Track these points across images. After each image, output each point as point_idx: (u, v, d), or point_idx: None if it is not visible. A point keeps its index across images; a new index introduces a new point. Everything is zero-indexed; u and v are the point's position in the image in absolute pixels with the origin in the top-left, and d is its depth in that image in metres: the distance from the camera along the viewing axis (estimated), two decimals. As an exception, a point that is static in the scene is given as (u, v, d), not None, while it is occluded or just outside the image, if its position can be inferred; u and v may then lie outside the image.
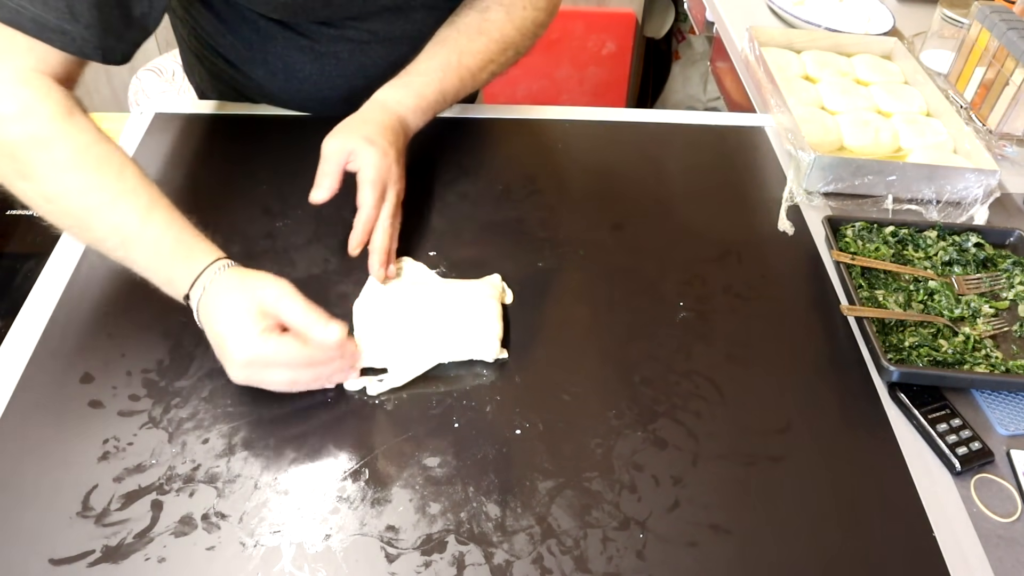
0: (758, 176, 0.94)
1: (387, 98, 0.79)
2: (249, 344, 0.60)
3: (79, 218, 0.65)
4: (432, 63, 0.82)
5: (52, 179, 0.64)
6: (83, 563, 0.53)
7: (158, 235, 0.64)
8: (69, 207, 0.64)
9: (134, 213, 0.64)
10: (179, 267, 0.64)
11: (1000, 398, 0.69)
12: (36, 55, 0.65)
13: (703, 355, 0.71)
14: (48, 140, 0.63)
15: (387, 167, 0.73)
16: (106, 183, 0.64)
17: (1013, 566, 0.57)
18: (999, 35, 1.02)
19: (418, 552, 0.55)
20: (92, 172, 0.64)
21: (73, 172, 0.64)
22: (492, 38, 0.85)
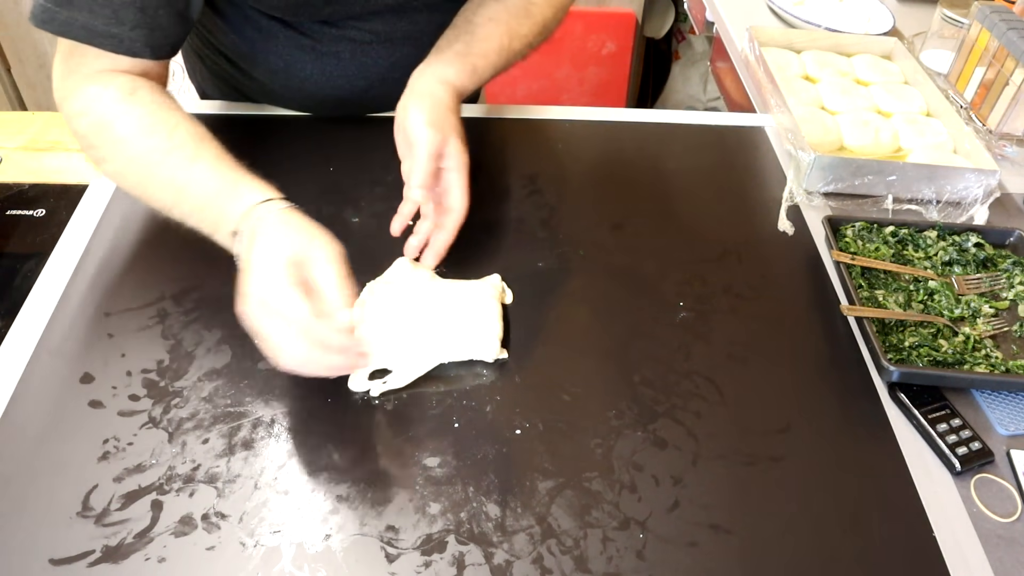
0: (758, 176, 0.94)
1: (457, 82, 0.77)
2: (268, 281, 0.59)
3: (146, 183, 0.68)
4: (491, 45, 0.81)
5: (118, 154, 0.68)
6: (83, 563, 0.53)
7: (205, 177, 0.66)
8: (136, 175, 0.69)
9: (183, 162, 0.66)
10: (228, 202, 0.64)
11: (1000, 398, 0.69)
12: (103, 60, 0.69)
13: (703, 355, 0.71)
14: (109, 122, 0.68)
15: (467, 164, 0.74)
16: (158, 143, 0.67)
17: (1013, 566, 0.57)
18: (999, 35, 1.02)
19: (418, 552, 0.55)
20: (147, 138, 0.67)
21: (132, 142, 0.68)
22: (536, 21, 0.85)
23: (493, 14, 0.82)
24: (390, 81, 0.90)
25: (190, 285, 0.73)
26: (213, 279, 0.74)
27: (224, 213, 0.64)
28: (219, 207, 0.65)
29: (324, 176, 0.87)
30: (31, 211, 0.84)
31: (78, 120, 0.69)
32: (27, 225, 0.83)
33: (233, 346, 0.68)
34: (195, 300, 0.72)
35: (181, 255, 0.76)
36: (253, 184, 0.66)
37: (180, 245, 0.77)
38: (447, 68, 0.77)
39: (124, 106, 0.68)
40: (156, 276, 0.74)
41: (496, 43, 0.81)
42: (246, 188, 0.65)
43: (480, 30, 0.81)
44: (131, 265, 0.75)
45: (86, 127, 0.69)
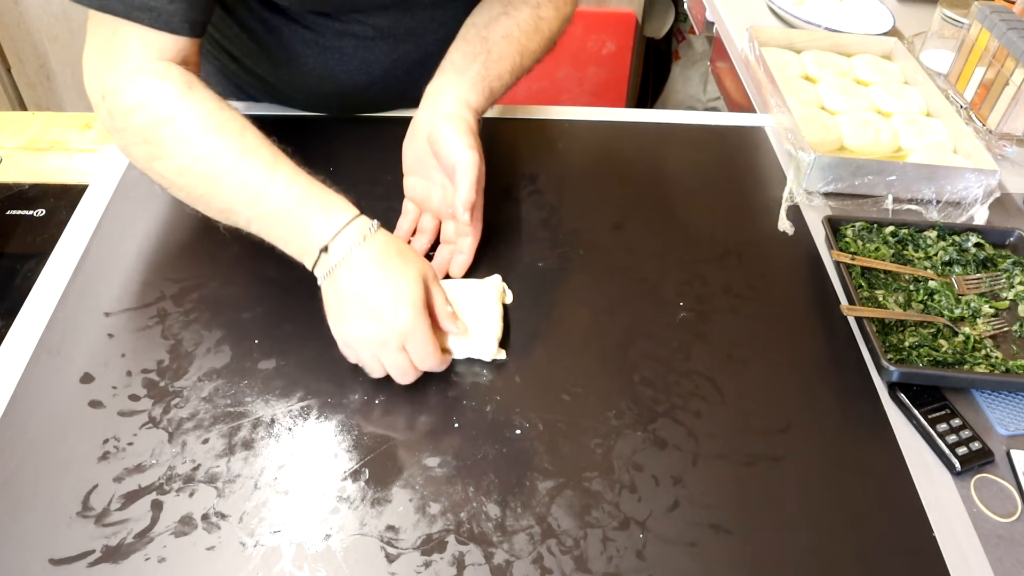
0: (758, 176, 0.94)
1: (478, 106, 0.77)
2: (411, 320, 0.61)
3: (210, 182, 0.66)
4: (505, 65, 0.80)
5: (181, 152, 0.66)
6: (83, 563, 0.53)
7: (286, 187, 0.65)
8: (200, 175, 0.67)
9: (260, 168, 0.65)
10: (315, 217, 0.64)
11: (1000, 398, 0.69)
12: (146, 47, 0.67)
13: (703, 355, 0.71)
14: (172, 117, 0.66)
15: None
16: (230, 145, 0.66)
17: (1013, 566, 0.57)
18: (999, 35, 1.02)
19: (418, 552, 0.55)
20: (215, 137, 0.66)
21: (198, 141, 0.66)
22: (544, 36, 0.84)
23: (507, 31, 0.81)
24: (391, 78, 0.90)
25: (190, 285, 0.73)
26: (213, 279, 0.74)
27: (310, 229, 0.64)
28: (303, 220, 0.64)
29: (324, 176, 0.87)
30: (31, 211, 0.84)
31: (134, 115, 0.66)
32: (27, 225, 0.83)
33: (233, 346, 0.68)
34: (195, 300, 0.72)
35: (181, 255, 0.76)
36: (339, 201, 0.66)
37: (180, 245, 0.78)
38: (470, 92, 0.76)
39: (186, 103, 0.66)
40: (156, 276, 0.74)
41: (510, 63, 0.81)
42: (334, 205, 0.65)
43: (496, 49, 0.80)
44: (131, 265, 0.75)
45: (145, 123, 0.66)
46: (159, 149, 0.67)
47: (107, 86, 0.68)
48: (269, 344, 0.69)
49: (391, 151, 0.79)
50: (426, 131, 0.75)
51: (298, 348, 0.69)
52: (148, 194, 0.83)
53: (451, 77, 0.77)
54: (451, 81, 0.77)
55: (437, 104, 0.75)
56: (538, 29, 0.83)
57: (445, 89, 0.76)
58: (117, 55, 0.67)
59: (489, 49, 0.80)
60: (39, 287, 0.73)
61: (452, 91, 0.76)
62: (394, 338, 0.62)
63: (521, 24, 0.82)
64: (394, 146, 0.80)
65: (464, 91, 0.76)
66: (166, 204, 0.82)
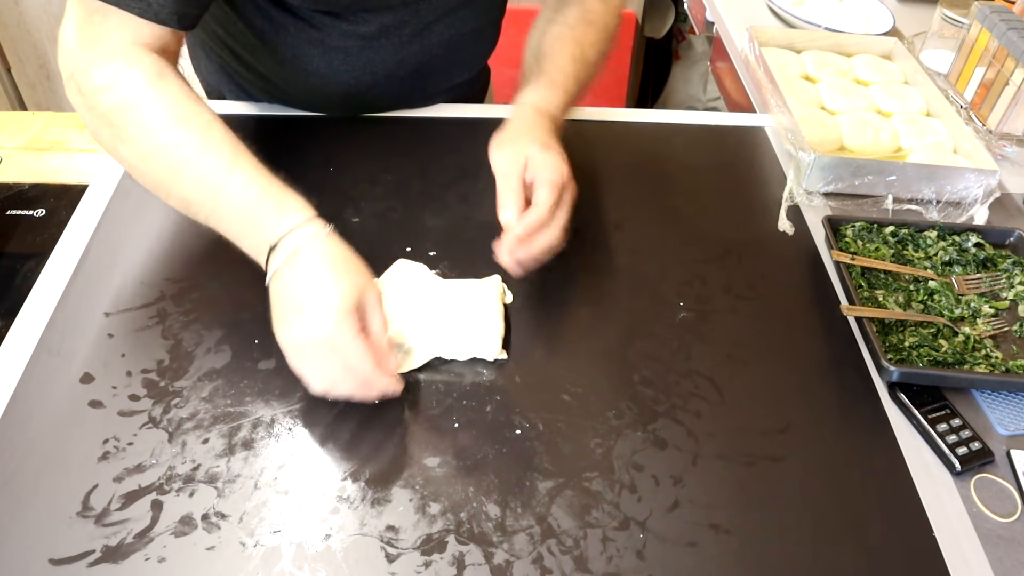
0: (758, 176, 0.94)
1: (539, 101, 0.78)
2: (335, 322, 0.59)
3: (170, 173, 0.66)
4: (563, 58, 0.81)
5: (144, 139, 0.66)
6: (83, 563, 0.53)
7: (244, 184, 0.65)
8: (161, 164, 0.67)
9: (220, 163, 0.65)
10: (269, 215, 0.64)
11: (1000, 398, 0.69)
12: (125, 31, 0.67)
13: (703, 355, 0.71)
14: (138, 103, 0.66)
15: (565, 171, 0.71)
16: (193, 137, 0.66)
17: (1013, 566, 0.57)
18: (999, 35, 1.02)
19: (418, 552, 0.55)
20: (180, 129, 0.66)
21: (162, 130, 0.66)
22: (597, 27, 0.85)
23: (557, 32, 0.84)
24: (395, 79, 0.90)
25: (190, 285, 0.73)
26: (213, 279, 0.74)
27: (263, 227, 0.63)
28: (258, 220, 0.64)
29: (324, 176, 0.87)
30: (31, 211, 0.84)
31: (100, 96, 0.66)
32: (27, 225, 0.83)
33: (233, 346, 0.68)
34: (195, 300, 0.72)
35: (181, 256, 0.76)
36: (295, 201, 0.65)
37: (180, 245, 0.78)
38: (529, 93, 0.79)
39: (153, 91, 0.66)
40: (156, 276, 0.74)
41: (568, 54, 0.82)
42: (289, 205, 0.64)
43: (551, 51, 0.82)
44: (131, 265, 0.75)
45: (109, 105, 0.66)
46: (123, 133, 0.67)
47: (77, 63, 0.67)
48: (269, 344, 0.69)
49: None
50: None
51: (298, 348, 0.68)
52: (148, 194, 0.83)
53: (522, 95, 0.79)
54: (520, 98, 0.79)
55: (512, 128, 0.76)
56: (588, 21, 0.85)
57: (515, 112, 0.78)
58: (94, 35, 0.67)
59: (541, 55, 0.82)
60: (39, 287, 0.73)
61: (518, 102, 0.79)
62: (318, 340, 0.59)
63: (569, 20, 0.84)
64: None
65: (524, 95, 0.79)
66: (166, 204, 0.82)
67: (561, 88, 0.80)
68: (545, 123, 0.76)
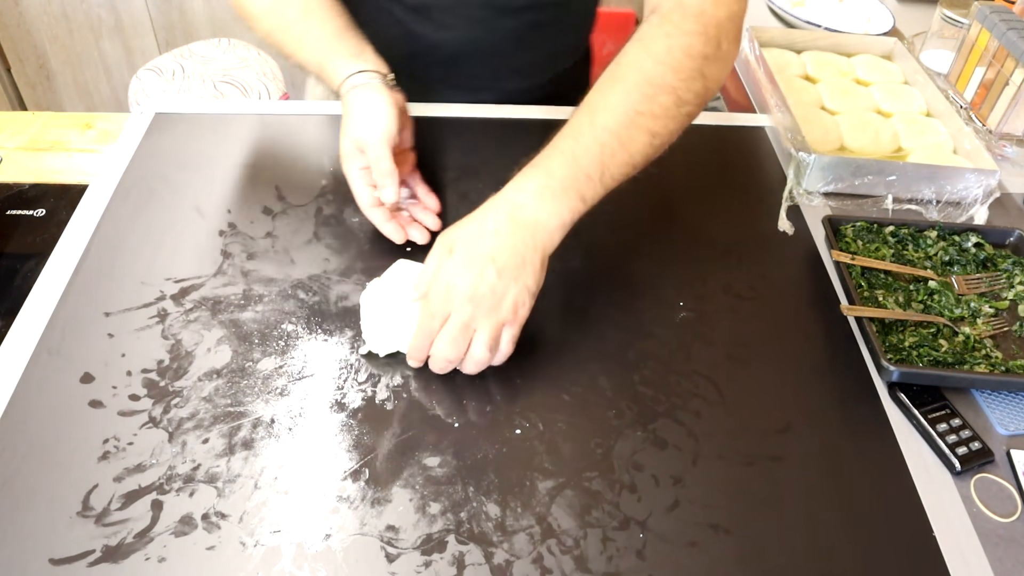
0: (758, 176, 0.94)
1: (521, 204, 0.65)
2: (341, 159, 0.78)
3: (276, 37, 0.83)
4: (593, 131, 0.66)
5: (256, 15, 0.83)
6: (83, 563, 0.53)
7: (315, 35, 0.80)
8: (271, 27, 0.83)
9: (299, 11, 0.80)
10: (332, 68, 0.78)
11: (1000, 398, 0.69)
12: None
13: (703, 355, 0.71)
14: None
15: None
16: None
17: (1013, 566, 0.57)
18: (999, 35, 1.02)
19: (418, 552, 0.55)
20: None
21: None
22: (630, 82, 0.67)
23: (619, 76, 0.69)
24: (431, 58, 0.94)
25: (190, 285, 0.73)
26: (213, 279, 0.74)
27: (330, 77, 0.78)
28: (326, 70, 0.79)
29: (324, 175, 0.87)
30: (31, 211, 0.84)
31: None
32: (27, 225, 0.83)
33: (233, 346, 0.68)
34: (195, 300, 0.72)
35: (181, 255, 0.76)
36: (348, 56, 0.78)
37: (180, 245, 0.78)
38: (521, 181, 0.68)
39: None
40: (156, 276, 0.74)
41: (603, 124, 0.66)
42: (343, 59, 0.77)
43: (589, 103, 0.68)
44: (131, 265, 0.75)
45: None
46: (243, 12, 0.84)
47: None
48: (269, 344, 0.69)
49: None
50: None
51: (298, 348, 0.69)
52: (148, 194, 0.83)
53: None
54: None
55: None
56: (616, 76, 0.70)
57: None
58: None
59: (582, 110, 0.69)
60: (39, 287, 0.73)
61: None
62: (349, 149, 0.76)
63: (658, 49, 0.69)
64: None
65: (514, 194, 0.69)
66: (166, 204, 0.82)
67: (559, 187, 0.64)
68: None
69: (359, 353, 0.68)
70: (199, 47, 1.83)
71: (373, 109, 0.75)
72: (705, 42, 0.69)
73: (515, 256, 0.63)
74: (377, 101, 0.75)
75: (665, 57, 0.68)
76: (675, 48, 0.68)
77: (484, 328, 0.63)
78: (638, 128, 0.66)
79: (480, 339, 0.63)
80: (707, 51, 0.69)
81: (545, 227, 0.64)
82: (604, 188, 0.67)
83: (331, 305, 0.73)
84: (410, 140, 0.83)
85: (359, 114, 0.75)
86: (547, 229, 0.64)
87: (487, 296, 0.62)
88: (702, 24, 0.69)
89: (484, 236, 0.63)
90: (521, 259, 0.63)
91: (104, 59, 2.27)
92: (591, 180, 0.65)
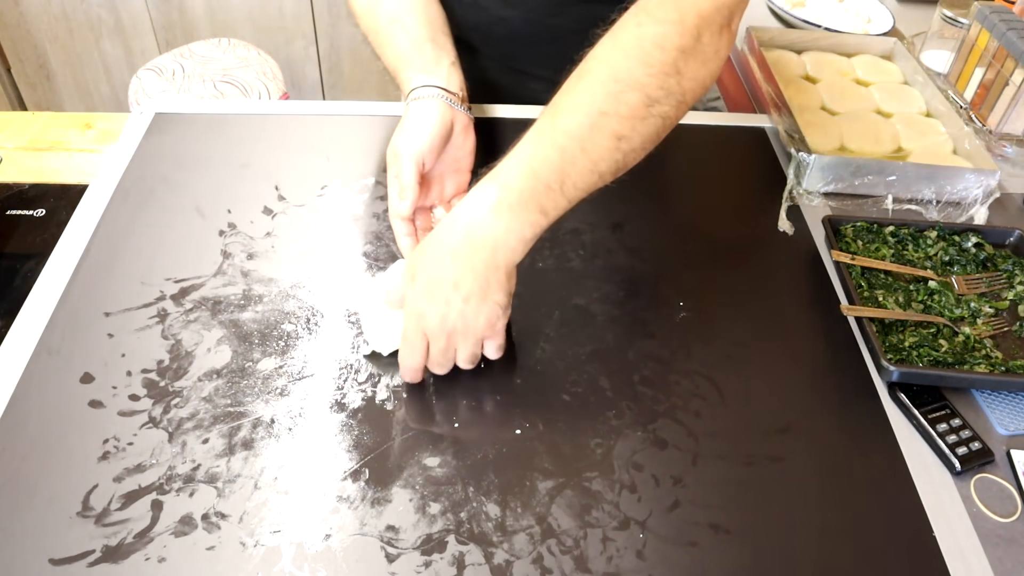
0: (758, 176, 0.94)
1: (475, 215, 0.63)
2: (387, 158, 0.76)
3: (369, 39, 0.85)
4: (549, 137, 0.62)
5: (357, 14, 0.86)
6: (83, 563, 0.53)
7: (395, 43, 0.81)
8: (366, 28, 0.85)
9: (385, 18, 0.81)
10: (403, 77, 0.79)
11: (1000, 398, 0.69)
12: None
13: (703, 355, 0.71)
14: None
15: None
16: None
17: (1013, 566, 0.57)
18: (999, 35, 1.02)
19: (418, 552, 0.55)
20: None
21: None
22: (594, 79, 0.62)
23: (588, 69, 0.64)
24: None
25: (190, 285, 0.73)
26: (213, 279, 0.74)
27: (401, 86, 0.80)
28: (399, 79, 0.80)
29: (324, 175, 0.87)
30: (31, 211, 0.84)
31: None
32: (27, 225, 0.83)
33: (233, 346, 0.68)
34: (195, 300, 0.72)
35: (181, 255, 0.76)
36: (420, 68, 0.78)
37: (180, 245, 0.78)
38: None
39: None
40: (156, 276, 0.74)
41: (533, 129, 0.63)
42: (414, 71, 0.77)
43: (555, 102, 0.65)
44: (131, 265, 0.75)
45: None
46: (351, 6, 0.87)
47: None
48: (269, 344, 0.69)
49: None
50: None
51: (298, 348, 0.69)
52: (148, 194, 0.83)
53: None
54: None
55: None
56: (581, 72, 0.65)
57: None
58: None
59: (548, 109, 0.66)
60: (39, 287, 0.73)
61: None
62: (388, 156, 0.76)
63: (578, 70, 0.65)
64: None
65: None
66: (166, 204, 0.82)
67: (518, 201, 0.60)
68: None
69: (362, 354, 0.68)
70: (199, 47, 1.83)
71: (418, 122, 0.74)
72: (681, 32, 0.61)
73: (478, 279, 0.60)
74: (425, 116, 0.74)
75: (634, 50, 0.61)
76: (646, 39, 0.61)
77: (464, 348, 0.63)
78: (602, 131, 0.61)
79: (463, 356, 0.64)
80: (683, 43, 0.61)
81: (505, 244, 0.60)
82: (567, 199, 0.61)
83: (331, 305, 0.73)
84: (467, 161, 0.80)
85: (406, 124, 0.75)
86: (507, 246, 0.60)
87: (458, 323, 0.61)
88: (679, 12, 0.62)
89: (443, 260, 0.61)
90: (485, 280, 0.60)
91: (104, 59, 2.27)
92: (551, 191, 0.60)
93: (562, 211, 0.62)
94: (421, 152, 0.74)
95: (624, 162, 0.64)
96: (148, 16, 2.21)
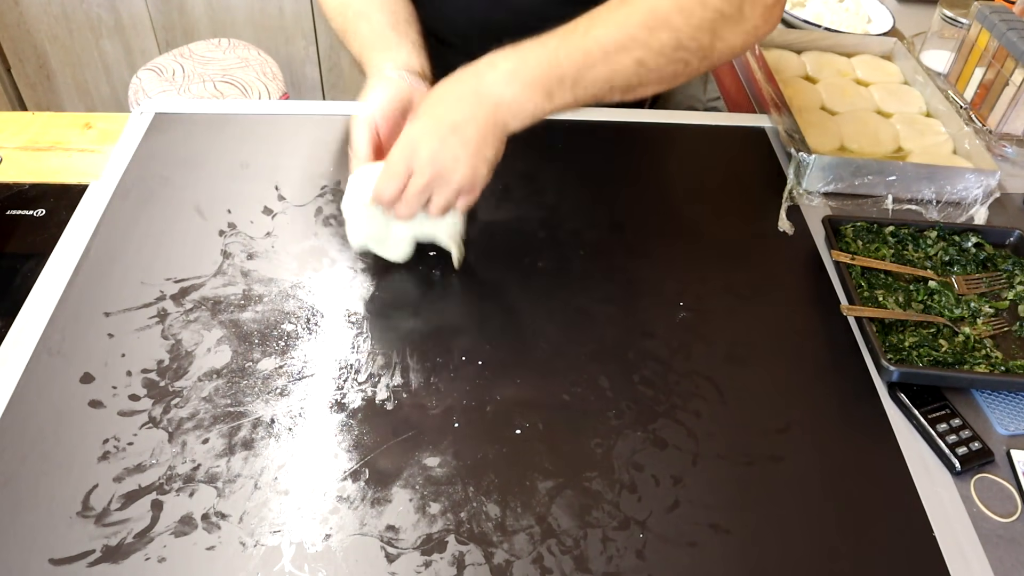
0: (758, 176, 0.94)
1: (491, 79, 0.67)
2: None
3: (340, 37, 0.86)
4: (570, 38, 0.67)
5: (328, 15, 0.87)
6: (83, 563, 0.53)
7: (361, 32, 0.82)
8: (336, 27, 0.86)
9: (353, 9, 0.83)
10: (370, 63, 0.79)
11: (1000, 398, 0.69)
12: None
13: (703, 355, 0.71)
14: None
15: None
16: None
17: (1013, 566, 0.57)
18: (999, 35, 1.02)
19: (418, 552, 0.55)
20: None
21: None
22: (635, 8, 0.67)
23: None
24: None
25: (190, 285, 0.73)
26: (213, 279, 0.74)
27: (366, 71, 0.78)
28: (364, 64, 0.79)
29: (324, 175, 0.87)
30: (31, 211, 0.84)
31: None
32: (27, 225, 0.83)
33: (233, 346, 0.68)
34: (195, 300, 0.72)
35: (181, 255, 0.76)
36: (383, 50, 0.78)
37: (180, 245, 0.78)
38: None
39: None
40: (156, 276, 0.74)
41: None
42: (377, 53, 0.78)
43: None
44: (131, 265, 0.75)
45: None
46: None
47: None
48: (269, 344, 0.69)
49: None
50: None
51: (298, 348, 0.69)
52: (148, 194, 0.83)
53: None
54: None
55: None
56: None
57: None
58: None
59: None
60: (39, 287, 0.73)
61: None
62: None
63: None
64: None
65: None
66: (166, 204, 0.82)
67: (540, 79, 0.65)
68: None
69: (354, 249, 0.74)
70: (199, 47, 1.83)
71: (374, 92, 0.75)
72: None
73: (478, 130, 0.65)
74: (381, 87, 0.75)
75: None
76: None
77: (440, 194, 0.67)
78: (627, 51, 0.66)
79: (436, 203, 0.67)
80: (725, 8, 0.67)
81: (508, 108, 0.65)
82: (574, 96, 0.66)
83: (331, 305, 0.73)
84: None
85: (365, 95, 0.76)
86: (510, 111, 0.65)
87: (447, 163, 0.65)
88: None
89: (450, 105, 0.66)
90: (483, 133, 0.65)
91: (104, 59, 2.27)
92: (563, 83, 0.65)
93: (565, 106, 0.67)
94: (373, 117, 0.74)
95: (639, 84, 0.68)
96: (148, 16, 2.21)
